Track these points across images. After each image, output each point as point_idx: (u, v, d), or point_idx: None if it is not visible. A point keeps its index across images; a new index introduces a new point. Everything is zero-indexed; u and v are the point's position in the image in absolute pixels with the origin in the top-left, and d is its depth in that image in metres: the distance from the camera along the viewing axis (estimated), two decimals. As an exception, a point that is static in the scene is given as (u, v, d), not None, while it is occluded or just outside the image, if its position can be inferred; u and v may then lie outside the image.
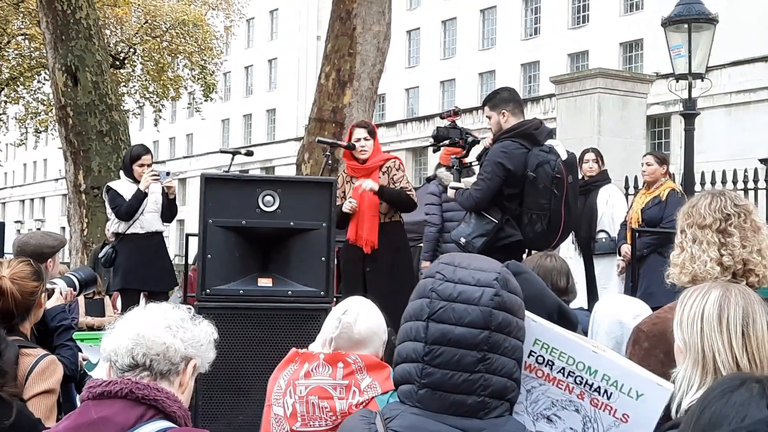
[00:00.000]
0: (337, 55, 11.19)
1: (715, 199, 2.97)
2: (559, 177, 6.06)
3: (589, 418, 2.24)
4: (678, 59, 11.08)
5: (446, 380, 2.14)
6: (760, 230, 2.94)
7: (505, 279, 2.21)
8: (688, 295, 2.41)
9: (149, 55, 29.79)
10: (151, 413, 2.38)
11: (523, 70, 47.23)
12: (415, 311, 2.22)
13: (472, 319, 2.14)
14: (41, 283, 3.75)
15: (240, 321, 4.81)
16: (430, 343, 2.15)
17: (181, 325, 2.49)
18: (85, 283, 4.78)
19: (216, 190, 5.00)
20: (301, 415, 3.15)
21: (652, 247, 8.03)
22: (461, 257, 2.28)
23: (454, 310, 2.16)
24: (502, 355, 2.16)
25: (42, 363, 3.49)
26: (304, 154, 11.24)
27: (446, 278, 2.20)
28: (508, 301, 2.19)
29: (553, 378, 2.24)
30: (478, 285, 2.18)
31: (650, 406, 2.19)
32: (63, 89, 12.76)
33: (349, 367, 3.17)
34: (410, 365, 2.18)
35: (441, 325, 2.15)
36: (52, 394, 3.49)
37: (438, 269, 2.24)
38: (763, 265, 2.89)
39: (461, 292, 2.17)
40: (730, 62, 32.70)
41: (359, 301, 3.43)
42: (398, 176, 6.98)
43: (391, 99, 53.78)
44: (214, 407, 4.79)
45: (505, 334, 2.17)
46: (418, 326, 2.19)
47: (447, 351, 2.14)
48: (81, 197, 12.72)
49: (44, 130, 31.80)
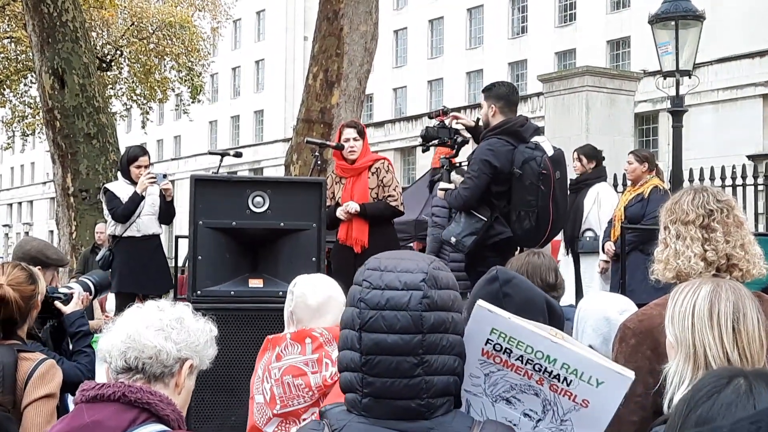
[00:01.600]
0: (325, 55, 11.18)
1: (697, 195, 2.98)
2: (545, 173, 6.07)
3: (548, 401, 2.24)
4: (665, 56, 11.12)
5: (387, 388, 2.11)
6: (742, 225, 2.95)
7: (434, 277, 2.16)
8: (679, 291, 2.42)
9: (136, 57, 29.71)
10: (144, 416, 2.36)
11: (510, 69, 47.28)
12: (347, 321, 2.19)
13: (403, 325, 2.10)
14: (37, 286, 3.73)
15: (231, 322, 4.80)
16: (366, 354, 2.12)
17: (176, 326, 2.47)
18: (101, 287, 4.75)
19: (206, 192, 5.00)
20: (280, 398, 3.16)
21: (633, 245, 8.05)
22: (388, 260, 2.23)
23: (384, 318, 2.11)
24: (441, 354, 2.13)
25: (41, 367, 3.46)
26: (293, 155, 11.24)
27: (373, 286, 2.15)
28: (439, 299, 2.14)
29: (512, 365, 2.23)
30: (406, 288, 2.13)
31: (611, 393, 2.19)
32: (50, 92, 12.72)
33: (316, 341, 3.18)
34: (351, 374, 2.16)
35: (373, 334, 2.11)
36: (53, 399, 3.47)
37: (364, 276, 2.19)
38: (746, 259, 2.90)
39: (389, 299, 2.12)
40: (716, 59, 32.82)
41: (309, 275, 3.51)
42: (387, 179, 6.98)
43: (379, 99, 53.78)
44: (206, 408, 4.79)
45: (441, 332, 2.13)
46: (352, 336, 2.15)
47: (383, 359, 2.11)
48: (69, 200, 12.68)
49: (31, 134, 31.68)
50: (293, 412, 3.15)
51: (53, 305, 4.26)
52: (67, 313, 4.26)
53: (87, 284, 4.61)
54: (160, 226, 8.03)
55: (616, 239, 8.21)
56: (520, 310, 2.42)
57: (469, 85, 48.78)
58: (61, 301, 4.30)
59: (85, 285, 4.60)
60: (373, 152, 7.37)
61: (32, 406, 3.36)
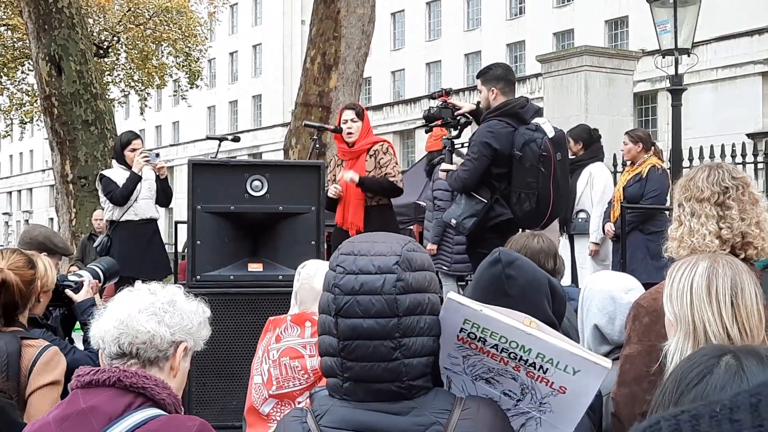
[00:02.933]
0: (322, 38, 11.15)
1: (712, 172, 2.95)
2: (545, 155, 6.05)
3: (526, 386, 2.24)
4: (664, 35, 11.08)
5: (366, 371, 2.11)
6: (758, 203, 2.93)
7: (407, 259, 2.15)
8: (676, 269, 2.41)
9: (133, 43, 29.63)
10: (140, 401, 2.36)
11: (508, 50, 47.15)
12: (323, 306, 2.18)
13: (378, 309, 2.09)
14: (36, 271, 3.72)
15: (231, 306, 4.80)
16: (343, 339, 2.11)
17: (168, 309, 2.46)
18: (110, 274, 4.73)
19: (204, 176, 4.98)
20: (276, 379, 3.16)
21: (632, 225, 8.05)
22: (362, 243, 2.21)
23: (358, 303, 2.10)
24: (419, 335, 2.12)
25: (46, 354, 3.45)
26: (291, 139, 11.22)
27: (347, 271, 2.14)
28: (414, 281, 2.13)
29: (487, 351, 2.23)
30: (380, 272, 2.11)
31: (588, 381, 2.18)
32: (47, 79, 12.69)
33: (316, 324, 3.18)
34: (330, 359, 2.15)
35: (349, 320, 2.10)
36: (58, 386, 3.45)
37: (338, 261, 2.17)
38: (761, 237, 2.88)
39: (363, 283, 2.11)
40: (715, 37, 32.73)
41: (319, 260, 3.52)
42: (385, 160, 6.95)
43: (377, 82, 53.66)
44: (207, 393, 4.79)
45: (418, 314, 2.12)
46: (329, 321, 2.15)
47: (360, 344, 2.10)
48: (68, 187, 12.67)
49: (29, 121, 31.63)
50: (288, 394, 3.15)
51: (64, 293, 4.25)
52: (78, 301, 4.25)
53: (96, 272, 4.59)
54: (157, 210, 8.04)
55: (615, 220, 8.20)
56: (524, 291, 2.40)
57: (468, 67, 48.65)
58: (72, 290, 4.29)
59: (95, 272, 4.57)
60: (375, 135, 7.35)
61: (37, 394, 3.35)
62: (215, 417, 4.68)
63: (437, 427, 2.11)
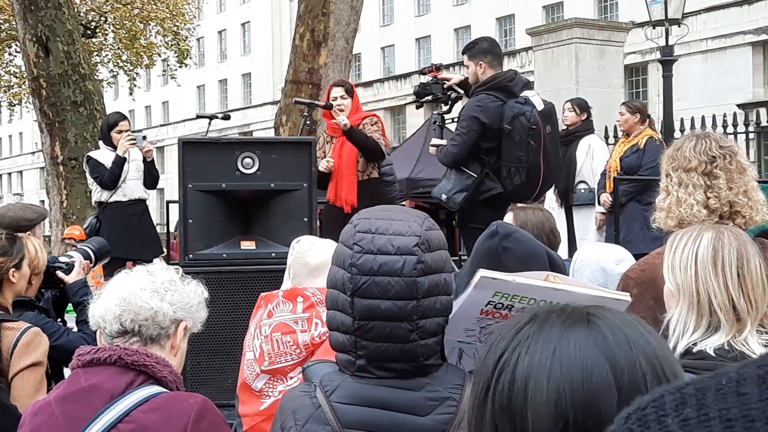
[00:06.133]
0: (311, 15, 11.09)
1: (699, 141, 2.94)
2: (534, 128, 6.04)
3: None
4: (654, 5, 11.07)
5: (382, 351, 2.08)
6: (745, 171, 2.92)
7: (427, 239, 2.10)
8: (677, 239, 2.39)
9: (121, 23, 29.40)
10: (142, 379, 2.36)
11: (498, 24, 46.98)
12: (336, 282, 2.13)
13: (397, 291, 2.05)
14: (7, 259, 3.68)
15: (224, 285, 4.79)
16: (359, 319, 2.07)
17: (169, 288, 2.46)
18: (100, 255, 4.70)
19: (194, 155, 4.96)
20: (268, 354, 3.16)
21: (629, 195, 8.05)
22: (379, 220, 2.14)
23: (377, 284, 2.06)
24: (434, 317, 2.10)
25: (26, 336, 3.42)
26: (282, 116, 11.19)
27: (364, 250, 2.08)
28: (432, 262, 2.10)
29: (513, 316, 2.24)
30: (399, 253, 2.07)
31: None
32: (35, 60, 12.60)
33: (308, 300, 3.18)
34: (343, 336, 2.12)
35: (366, 300, 2.07)
36: (40, 367, 3.44)
37: (356, 240, 2.11)
38: (749, 206, 2.88)
39: (382, 264, 2.06)
40: (705, 8, 32.66)
41: (313, 236, 3.54)
42: (371, 131, 6.93)
43: (367, 58, 53.45)
44: (202, 371, 4.79)
45: (435, 295, 2.10)
46: (343, 300, 2.10)
47: (377, 325, 2.07)
48: (59, 169, 12.62)
49: (18, 103, 31.45)
50: (280, 370, 3.15)
51: (55, 275, 4.23)
52: (69, 282, 4.23)
53: (87, 252, 4.55)
54: (146, 191, 8.03)
55: (612, 191, 8.21)
56: (521, 263, 2.40)
57: (457, 42, 48.43)
58: (63, 271, 4.27)
59: (85, 253, 4.53)
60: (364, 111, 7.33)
61: (19, 376, 3.33)
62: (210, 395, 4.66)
63: (451, 402, 2.10)
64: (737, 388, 0.84)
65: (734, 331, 2.26)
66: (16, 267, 3.72)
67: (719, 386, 0.85)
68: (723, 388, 0.84)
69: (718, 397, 0.84)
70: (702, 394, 0.85)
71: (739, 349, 2.24)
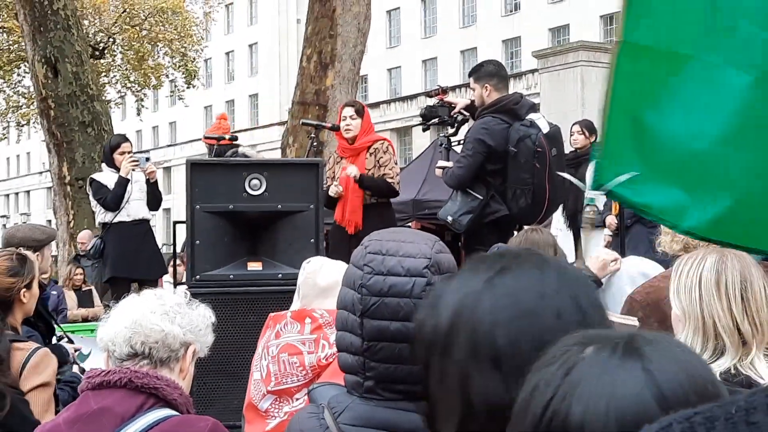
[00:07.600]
0: (318, 37, 11.13)
1: None
2: (540, 151, 6.05)
3: None
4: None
5: (390, 372, 2.07)
6: None
7: (437, 262, 2.09)
8: (683, 263, 2.40)
9: (129, 44, 29.58)
10: (152, 402, 2.35)
11: (504, 46, 47.15)
12: (346, 303, 2.13)
13: (406, 312, 2.03)
14: (19, 279, 3.68)
15: (231, 306, 4.79)
16: (368, 340, 2.07)
17: (178, 311, 2.46)
18: None
19: (202, 176, 4.98)
20: (275, 375, 3.16)
21: (635, 218, 8.03)
22: (389, 242, 2.14)
23: (386, 305, 2.05)
24: None
25: (35, 356, 3.42)
26: (289, 137, 11.21)
27: (375, 271, 2.08)
28: None
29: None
30: (409, 275, 2.06)
31: None
32: (43, 81, 12.68)
33: (316, 321, 3.18)
34: (352, 357, 2.11)
35: (375, 321, 2.06)
36: (49, 387, 3.44)
37: (366, 261, 2.11)
38: None
39: (392, 286, 2.06)
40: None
41: (324, 257, 3.56)
42: (384, 159, 6.96)
43: (374, 80, 53.61)
44: (208, 392, 4.79)
45: None
46: (352, 320, 2.10)
47: (386, 346, 2.06)
48: (66, 189, 12.66)
49: (26, 123, 31.57)
50: (286, 390, 3.15)
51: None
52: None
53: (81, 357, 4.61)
54: (150, 211, 8.04)
55: (617, 212, 8.19)
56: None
57: (464, 64, 48.59)
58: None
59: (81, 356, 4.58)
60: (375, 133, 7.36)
61: (29, 396, 3.33)
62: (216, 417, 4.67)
63: None
64: (746, 417, 0.82)
65: (740, 355, 2.26)
66: (27, 287, 3.73)
67: (728, 415, 0.84)
68: (732, 417, 0.83)
69: (728, 426, 0.83)
70: (711, 423, 0.84)
71: (746, 372, 2.23)
